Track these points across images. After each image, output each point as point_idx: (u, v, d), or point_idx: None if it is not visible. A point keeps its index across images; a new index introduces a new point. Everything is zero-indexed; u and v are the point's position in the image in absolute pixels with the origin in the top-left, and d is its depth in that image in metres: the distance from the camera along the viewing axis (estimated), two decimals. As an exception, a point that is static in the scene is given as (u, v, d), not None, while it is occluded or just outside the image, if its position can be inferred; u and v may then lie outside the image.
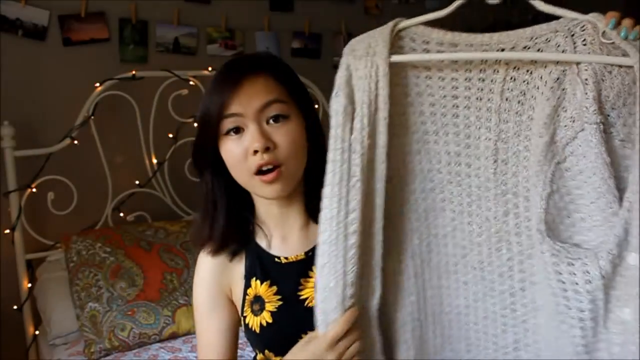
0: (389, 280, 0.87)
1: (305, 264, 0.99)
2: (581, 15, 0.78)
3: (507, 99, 0.81)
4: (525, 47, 0.80)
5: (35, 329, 2.00)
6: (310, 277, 0.98)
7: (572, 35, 0.77)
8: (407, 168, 0.85)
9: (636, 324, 0.73)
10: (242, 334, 1.03)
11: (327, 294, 0.80)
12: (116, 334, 1.70)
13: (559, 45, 0.78)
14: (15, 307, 1.99)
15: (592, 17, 0.77)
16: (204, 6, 2.39)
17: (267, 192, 0.93)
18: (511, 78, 0.80)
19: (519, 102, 0.80)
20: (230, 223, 1.00)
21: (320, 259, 0.81)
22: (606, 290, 0.75)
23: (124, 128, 2.21)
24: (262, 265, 1.00)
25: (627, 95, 0.74)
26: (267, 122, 0.91)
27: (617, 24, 0.75)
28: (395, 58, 0.82)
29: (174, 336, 1.77)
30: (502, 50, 0.80)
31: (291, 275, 0.99)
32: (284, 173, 0.91)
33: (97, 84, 2.07)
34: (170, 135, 2.25)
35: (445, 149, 0.84)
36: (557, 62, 0.78)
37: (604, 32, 0.75)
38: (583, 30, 0.77)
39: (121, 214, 2.20)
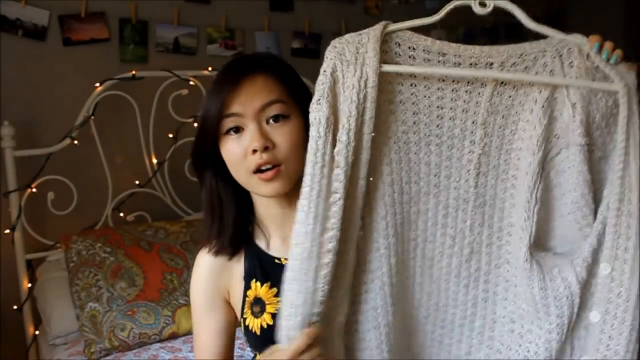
0: (357, 292, 0.85)
1: None
2: (568, 36, 0.80)
3: (492, 113, 0.81)
4: (513, 64, 0.81)
5: (35, 329, 2.00)
6: None
7: (560, 56, 0.80)
8: (384, 179, 0.84)
9: (601, 326, 0.78)
10: (241, 334, 1.03)
11: (293, 310, 0.78)
12: (116, 334, 1.70)
13: (546, 65, 0.80)
14: (15, 307, 1.99)
15: (577, 39, 0.80)
16: (204, 6, 2.39)
17: (266, 190, 0.92)
18: (498, 93, 0.81)
19: (503, 116, 0.81)
20: (237, 222, 1.00)
21: (289, 274, 0.79)
22: (581, 295, 0.79)
23: (124, 128, 2.21)
24: (261, 267, 1.00)
25: (610, 115, 0.78)
26: (267, 122, 0.91)
27: (600, 47, 0.78)
28: (386, 68, 0.80)
29: (174, 336, 1.77)
30: (491, 64, 0.81)
31: None
32: (283, 172, 0.91)
33: (97, 84, 2.07)
34: (170, 135, 2.25)
35: (426, 159, 0.84)
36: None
37: (588, 55, 0.78)
38: (570, 53, 0.79)
39: (121, 214, 2.20)
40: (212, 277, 1.02)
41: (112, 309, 1.74)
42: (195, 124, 2.26)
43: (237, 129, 0.92)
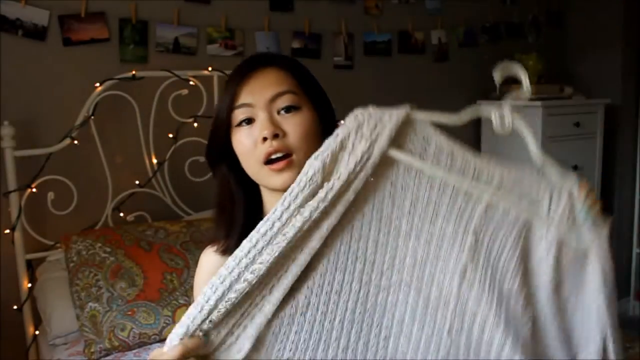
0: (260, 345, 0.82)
1: None
2: (565, 176, 0.84)
3: (485, 224, 0.83)
4: (509, 186, 0.84)
5: (35, 329, 2.00)
6: None
7: (551, 195, 0.83)
8: (351, 249, 0.84)
9: None
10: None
11: (186, 320, 0.77)
12: (116, 334, 1.70)
13: (535, 198, 0.83)
14: (15, 307, 1.99)
15: (572, 183, 0.83)
16: (204, 6, 2.39)
17: (276, 181, 0.92)
18: (492, 209, 0.84)
19: (494, 229, 0.83)
20: (247, 220, 0.99)
21: (207, 284, 0.79)
22: None
23: (124, 128, 2.21)
24: None
25: (578, 260, 0.81)
26: (278, 113, 0.92)
27: (587, 202, 0.82)
28: (393, 153, 0.82)
29: (174, 336, 1.77)
30: (492, 178, 0.84)
31: None
32: (295, 162, 0.91)
33: (97, 84, 2.07)
34: (170, 135, 2.26)
35: (413, 251, 0.84)
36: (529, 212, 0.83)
37: (574, 206, 0.82)
38: (560, 195, 0.83)
39: (121, 214, 2.20)
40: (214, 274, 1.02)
41: (112, 309, 1.74)
42: (195, 124, 2.27)
43: (249, 121, 0.92)
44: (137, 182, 2.23)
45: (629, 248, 3.54)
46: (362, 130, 0.83)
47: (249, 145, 0.92)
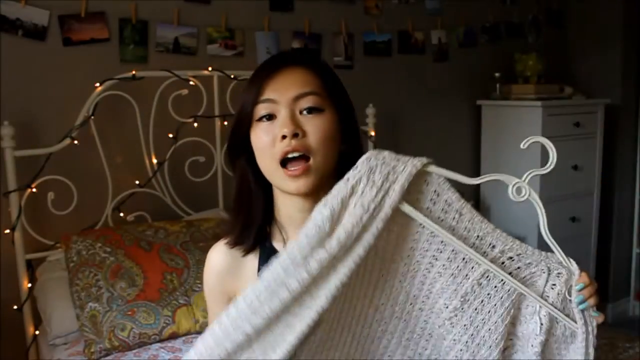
0: None
1: None
2: (567, 260, 0.86)
3: (474, 292, 0.85)
4: (510, 258, 0.86)
5: (35, 329, 2.00)
6: None
7: (549, 274, 0.86)
8: (355, 295, 0.85)
9: None
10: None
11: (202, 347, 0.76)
12: (116, 334, 1.70)
13: (533, 274, 0.86)
14: (15, 307, 1.99)
15: (573, 266, 0.86)
16: (204, 6, 2.39)
17: (292, 186, 0.91)
18: (487, 277, 0.85)
19: (482, 301, 0.86)
20: (264, 217, 0.99)
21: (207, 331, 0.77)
22: None
23: (124, 128, 2.21)
24: None
25: (567, 338, 0.86)
26: (301, 113, 0.92)
27: (584, 288, 0.85)
28: (405, 209, 0.82)
29: (174, 336, 1.77)
30: (493, 246, 0.86)
31: None
32: (312, 167, 0.90)
33: (97, 84, 2.07)
34: (170, 135, 2.26)
35: (407, 289, 0.87)
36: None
37: (570, 290, 0.85)
38: (558, 276, 0.86)
39: (121, 214, 2.20)
40: (219, 278, 1.02)
41: (112, 309, 1.74)
42: (195, 124, 2.27)
43: (270, 117, 0.92)
44: (137, 182, 2.23)
45: (629, 248, 3.54)
46: (374, 177, 0.81)
47: (267, 141, 0.91)
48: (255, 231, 0.99)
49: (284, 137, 0.89)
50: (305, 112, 0.91)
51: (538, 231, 3.01)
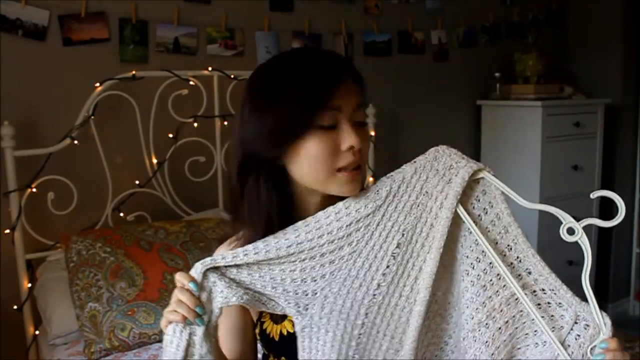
0: None
1: None
2: (599, 313, 0.83)
3: (501, 310, 0.85)
4: (542, 289, 0.86)
5: (35, 329, 2.00)
6: None
7: (576, 322, 0.84)
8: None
9: None
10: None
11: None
12: (116, 334, 1.70)
13: (562, 317, 0.84)
14: (15, 307, 1.99)
15: (604, 322, 0.82)
16: (204, 6, 2.39)
17: (347, 189, 0.89)
18: (516, 299, 0.85)
19: (506, 322, 0.85)
20: (283, 222, 0.94)
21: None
22: None
23: (124, 128, 2.21)
24: None
25: None
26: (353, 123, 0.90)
27: (609, 350, 0.80)
28: (459, 209, 0.85)
29: (174, 336, 1.77)
30: (530, 273, 0.86)
31: None
32: (362, 173, 0.92)
33: (97, 84, 2.07)
34: (170, 135, 2.26)
35: (439, 284, 0.88)
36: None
37: (594, 347, 0.82)
38: (585, 328, 0.83)
39: (121, 214, 2.20)
40: None
41: (112, 309, 1.74)
42: (195, 124, 2.28)
43: (332, 126, 0.87)
44: (137, 182, 2.23)
45: (629, 248, 3.54)
46: (438, 166, 0.87)
47: (328, 150, 0.86)
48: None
49: (349, 148, 0.87)
50: (356, 124, 0.90)
51: (538, 230, 3.03)
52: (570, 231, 0.84)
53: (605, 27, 3.37)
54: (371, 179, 1.05)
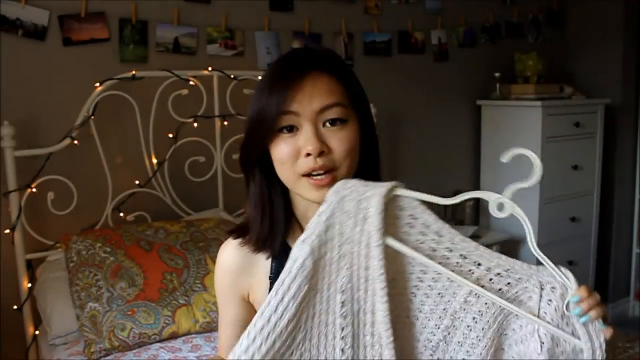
0: None
1: None
2: (560, 272, 0.83)
3: (464, 310, 0.84)
4: (498, 274, 0.84)
5: (35, 329, 2.00)
6: None
7: (542, 289, 0.83)
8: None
9: None
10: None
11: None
12: (116, 334, 1.70)
13: (526, 289, 0.83)
14: (15, 307, 1.99)
15: (567, 280, 0.82)
16: (204, 6, 2.39)
17: (315, 195, 0.89)
18: (475, 294, 0.84)
19: (473, 318, 0.84)
20: (287, 221, 0.97)
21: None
22: None
23: (124, 128, 2.21)
24: None
25: (576, 355, 0.82)
26: (324, 125, 0.88)
27: (582, 301, 0.80)
28: (390, 242, 0.81)
29: (174, 336, 1.77)
30: (479, 264, 0.83)
31: None
32: (337, 177, 0.88)
33: (97, 84, 2.07)
34: (170, 135, 2.26)
35: (395, 313, 0.85)
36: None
37: (567, 304, 0.81)
38: (553, 291, 0.82)
39: (121, 214, 2.20)
40: (233, 274, 1.00)
41: (112, 309, 1.74)
42: (195, 124, 2.27)
43: (291, 128, 0.88)
44: (137, 182, 2.23)
45: (629, 248, 3.54)
46: (347, 207, 0.81)
47: (289, 154, 0.88)
48: (281, 237, 0.97)
49: (308, 154, 0.86)
50: (328, 123, 0.88)
51: (538, 230, 3.04)
52: (500, 207, 0.82)
53: (605, 27, 3.37)
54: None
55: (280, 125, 0.88)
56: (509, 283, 0.83)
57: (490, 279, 0.83)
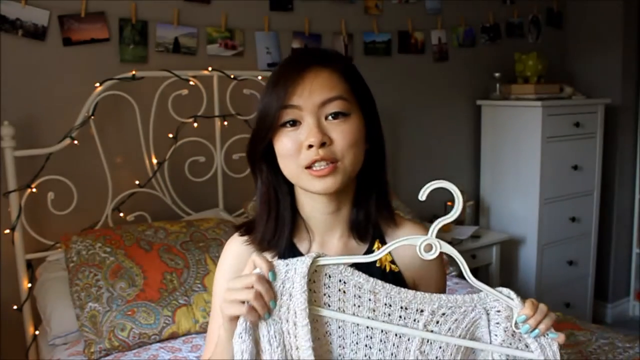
0: None
1: None
2: (501, 295, 0.84)
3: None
4: (443, 314, 0.84)
5: (35, 329, 2.00)
6: None
7: (488, 314, 0.84)
8: None
9: None
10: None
11: None
12: (116, 334, 1.70)
13: (474, 319, 0.84)
14: (15, 307, 1.99)
15: (512, 302, 0.83)
16: (204, 6, 2.39)
17: (318, 186, 0.90)
18: (428, 342, 0.83)
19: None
20: (293, 221, 0.98)
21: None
22: None
23: (124, 128, 2.21)
24: None
25: None
26: (326, 118, 0.89)
27: (529, 318, 0.83)
28: (316, 312, 0.81)
29: (174, 336, 1.77)
30: (422, 311, 0.83)
31: None
32: (340, 168, 0.89)
33: (97, 84, 2.08)
34: (170, 135, 2.26)
35: None
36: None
37: (516, 323, 0.83)
38: (498, 314, 0.84)
39: (121, 214, 2.20)
40: (241, 267, 0.98)
41: (112, 309, 1.74)
42: (195, 124, 2.28)
43: (294, 122, 0.90)
44: (137, 182, 2.23)
45: (629, 248, 3.54)
46: (275, 286, 0.81)
47: (292, 148, 0.89)
48: (287, 237, 0.97)
49: (310, 146, 0.87)
50: (330, 117, 0.89)
51: (538, 230, 3.04)
52: (428, 247, 0.82)
53: (605, 27, 3.37)
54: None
55: (283, 119, 0.89)
56: (456, 319, 0.84)
57: (437, 322, 0.84)
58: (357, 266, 0.98)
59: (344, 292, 0.83)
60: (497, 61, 3.24)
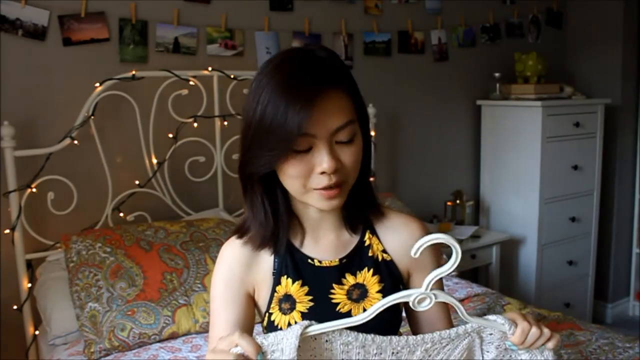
0: None
1: (338, 270, 0.99)
2: (495, 323, 0.85)
3: None
4: (436, 351, 0.86)
5: (35, 329, 2.00)
6: (343, 284, 0.98)
7: (481, 340, 0.87)
8: None
9: None
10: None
11: None
12: (116, 334, 1.70)
13: (468, 346, 0.87)
14: (15, 307, 1.99)
15: (504, 327, 0.85)
16: (204, 6, 2.39)
17: (325, 205, 0.92)
18: None
19: None
20: (290, 220, 0.99)
21: None
22: None
23: (124, 128, 2.21)
24: (294, 264, 0.99)
25: None
26: (336, 142, 0.89)
27: (521, 345, 0.85)
28: None
29: (174, 336, 1.77)
30: (414, 352, 0.84)
31: (324, 279, 0.98)
32: (344, 189, 0.91)
33: (97, 84, 2.08)
34: (170, 135, 2.26)
35: None
36: None
37: (505, 349, 0.87)
38: (491, 335, 0.87)
39: (121, 214, 2.20)
40: (239, 269, 1.00)
41: (112, 309, 1.74)
42: (195, 124, 2.28)
43: (308, 149, 0.89)
44: (137, 182, 2.24)
45: (629, 248, 3.54)
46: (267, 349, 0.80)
47: (303, 170, 0.89)
48: (286, 237, 0.99)
49: (322, 172, 0.88)
50: (341, 142, 0.89)
51: (538, 230, 3.04)
52: (421, 300, 0.82)
53: (605, 27, 3.37)
54: (371, 178, 1.05)
55: (299, 147, 0.87)
56: (449, 348, 0.85)
57: (430, 355, 0.85)
58: (350, 264, 0.98)
59: (331, 350, 0.83)
60: (497, 61, 3.24)
